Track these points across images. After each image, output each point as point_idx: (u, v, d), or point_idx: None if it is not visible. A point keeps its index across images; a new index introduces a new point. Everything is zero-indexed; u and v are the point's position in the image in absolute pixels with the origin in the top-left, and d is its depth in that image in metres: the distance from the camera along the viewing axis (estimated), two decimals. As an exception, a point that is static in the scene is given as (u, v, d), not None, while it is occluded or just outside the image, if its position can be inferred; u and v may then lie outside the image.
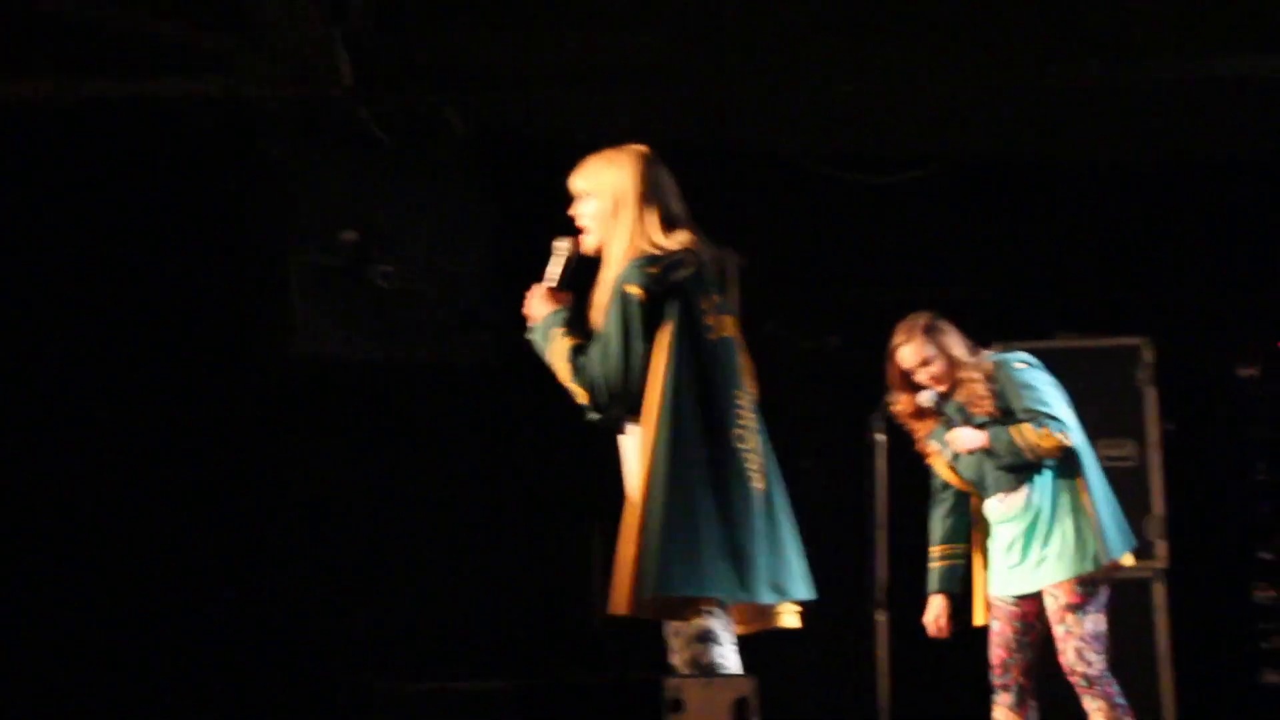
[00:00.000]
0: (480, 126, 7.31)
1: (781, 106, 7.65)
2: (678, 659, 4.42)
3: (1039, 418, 5.86)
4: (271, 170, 6.99)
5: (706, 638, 4.38)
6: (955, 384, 6.06)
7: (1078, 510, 5.95)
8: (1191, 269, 8.06)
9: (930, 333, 6.09)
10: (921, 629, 6.28)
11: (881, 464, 6.45)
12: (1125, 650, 7.26)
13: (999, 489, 6.02)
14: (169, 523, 7.21)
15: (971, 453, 6.00)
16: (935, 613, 6.15)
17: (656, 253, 4.50)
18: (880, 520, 6.43)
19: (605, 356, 4.44)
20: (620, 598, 4.31)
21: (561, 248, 4.68)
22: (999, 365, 6.04)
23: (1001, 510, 6.03)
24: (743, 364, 4.62)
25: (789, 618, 4.63)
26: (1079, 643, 5.90)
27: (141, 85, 6.84)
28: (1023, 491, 5.98)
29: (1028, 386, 5.95)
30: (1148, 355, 7.47)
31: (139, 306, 7.26)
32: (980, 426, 5.97)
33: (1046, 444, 5.85)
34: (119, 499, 7.16)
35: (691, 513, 4.33)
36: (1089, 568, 5.90)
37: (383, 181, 7.05)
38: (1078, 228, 8.11)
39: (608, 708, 3.67)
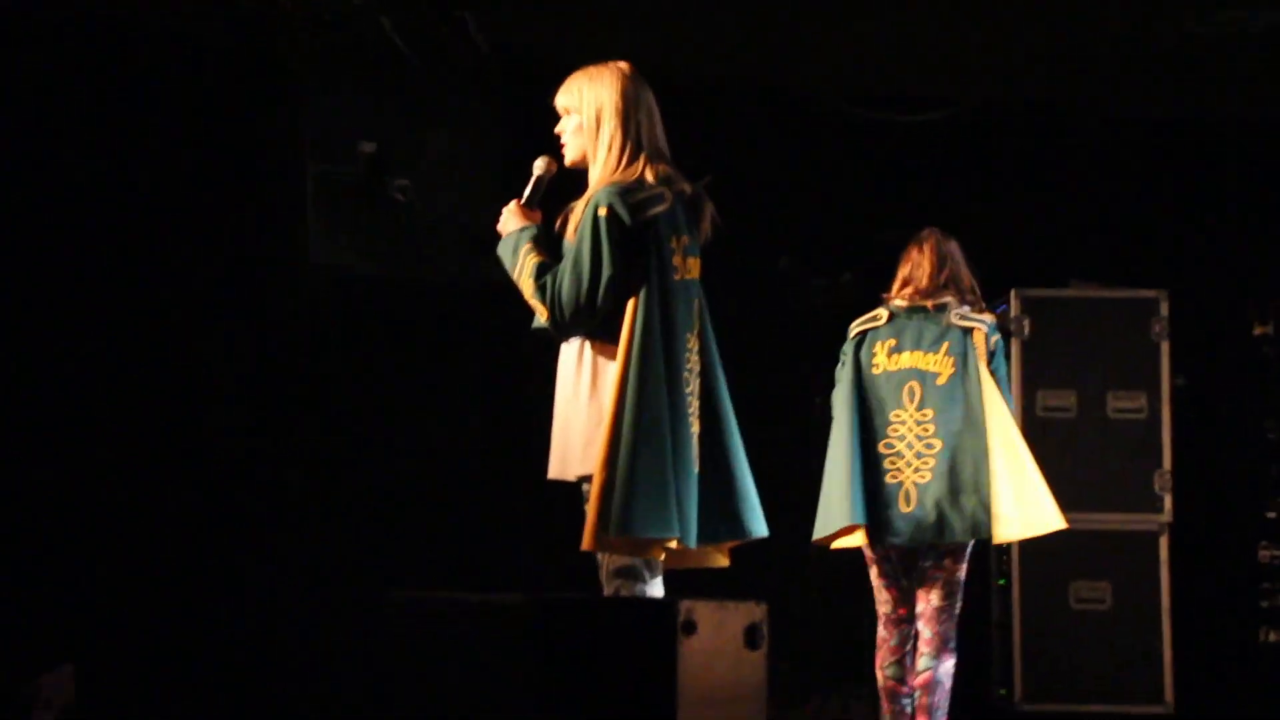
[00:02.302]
0: (501, 42, 7.24)
1: (807, 42, 7.59)
2: (606, 590, 4.44)
3: None
4: (291, 80, 6.92)
5: (628, 574, 4.40)
6: None
7: (829, 479, 6.02)
8: (1213, 224, 8.02)
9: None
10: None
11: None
12: (1127, 601, 7.30)
13: None
14: (183, 437, 7.18)
15: None
16: None
17: (634, 184, 4.49)
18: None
19: (572, 276, 4.43)
20: (588, 536, 4.33)
21: (538, 166, 4.68)
22: None
23: None
24: (698, 308, 4.61)
25: (718, 558, 4.65)
26: None
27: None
28: None
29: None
30: (1164, 308, 7.42)
31: (154, 218, 7.19)
32: None
33: None
34: (132, 413, 7.11)
35: (657, 454, 4.35)
36: (823, 534, 5.98)
37: (403, 95, 6.98)
38: (1099, 177, 8.08)
39: (621, 627, 3.64)
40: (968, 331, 6.03)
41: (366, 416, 7.39)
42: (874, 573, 6.08)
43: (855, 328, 6.18)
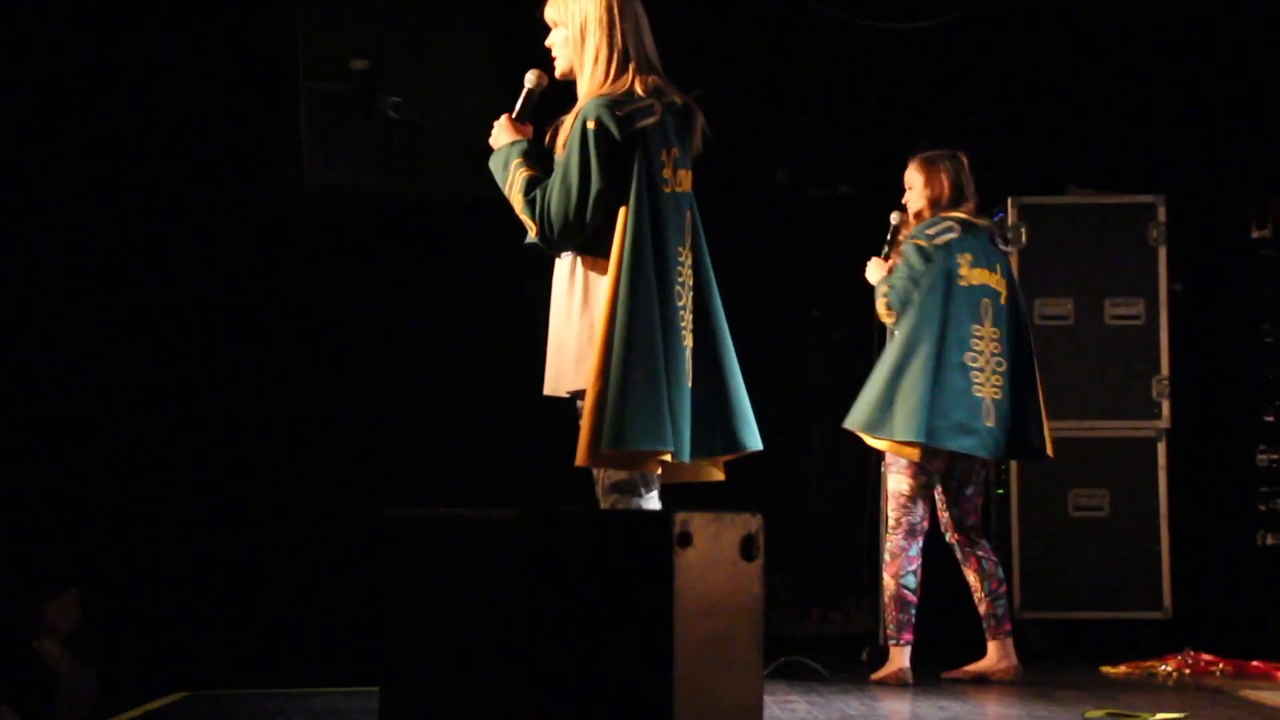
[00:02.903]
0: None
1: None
2: (602, 504, 4.46)
3: (885, 286, 6.11)
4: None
5: (624, 488, 4.42)
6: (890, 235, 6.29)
7: (891, 378, 6.02)
8: (1209, 127, 7.98)
9: (926, 163, 6.26)
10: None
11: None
12: (1125, 508, 7.33)
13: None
14: (179, 353, 7.19)
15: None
16: None
17: (622, 96, 4.46)
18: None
19: (561, 191, 4.41)
20: (581, 451, 4.34)
21: (529, 79, 4.65)
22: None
23: None
24: (690, 220, 4.59)
25: (713, 472, 4.67)
26: (886, 494, 6.14)
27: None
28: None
29: (901, 258, 6.15)
30: (1161, 214, 7.41)
31: (146, 133, 7.17)
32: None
33: (878, 309, 6.16)
34: (131, 325, 7.13)
35: (649, 368, 4.34)
36: (866, 430, 6.05)
37: (394, 10, 6.93)
38: (1094, 81, 8.02)
39: (616, 539, 3.65)
40: (1006, 254, 6.19)
41: (363, 334, 7.40)
42: (912, 484, 6.08)
43: (939, 236, 6.13)
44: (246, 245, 7.31)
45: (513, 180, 4.52)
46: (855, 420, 6.07)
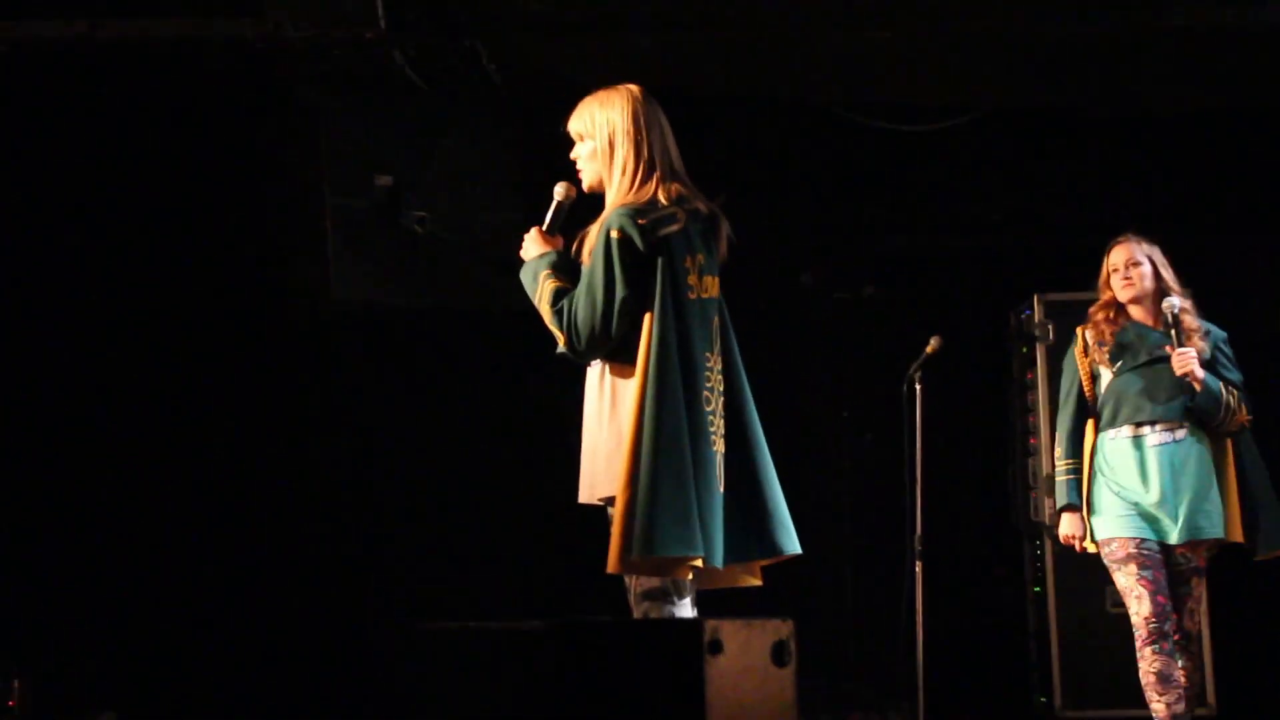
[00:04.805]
0: (514, 72, 7.25)
1: (816, 54, 7.58)
2: (635, 613, 4.44)
3: (1242, 396, 5.91)
4: (306, 115, 6.95)
5: (656, 595, 4.40)
6: (1176, 323, 5.97)
7: (1226, 482, 5.88)
8: (1234, 220, 7.98)
9: (1150, 244, 6.20)
10: (955, 578, 6.25)
11: (918, 415, 6.42)
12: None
13: (1164, 419, 5.88)
14: (208, 468, 7.21)
15: (1181, 375, 5.84)
16: (1075, 528, 6.00)
17: (646, 205, 4.49)
18: (917, 472, 6.39)
19: (586, 301, 4.45)
20: (612, 558, 4.31)
21: (558, 192, 4.71)
22: (1208, 329, 6.07)
23: (1153, 441, 5.90)
24: (718, 325, 4.60)
25: (750, 578, 4.64)
26: (1195, 604, 5.88)
27: (175, 26, 6.79)
28: (1184, 431, 5.87)
29: (1236, 367, 6.00)
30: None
31: (173, 254, 7.23)
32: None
33: (1241, 419, 5.90)
34: (161, 446, 7.15)
35: (677, 473, 4.33)
36: (1221, 535, 5.86)
37: (417, 126, 7.00)
38: (1116, 178, 8.04)
39: (647, 648, 3.64)
40: None
41: (398, 447, 7.41)
42: None
43: None
44: (276, 361, 7.34)
45: (542, 292, 4.56)
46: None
